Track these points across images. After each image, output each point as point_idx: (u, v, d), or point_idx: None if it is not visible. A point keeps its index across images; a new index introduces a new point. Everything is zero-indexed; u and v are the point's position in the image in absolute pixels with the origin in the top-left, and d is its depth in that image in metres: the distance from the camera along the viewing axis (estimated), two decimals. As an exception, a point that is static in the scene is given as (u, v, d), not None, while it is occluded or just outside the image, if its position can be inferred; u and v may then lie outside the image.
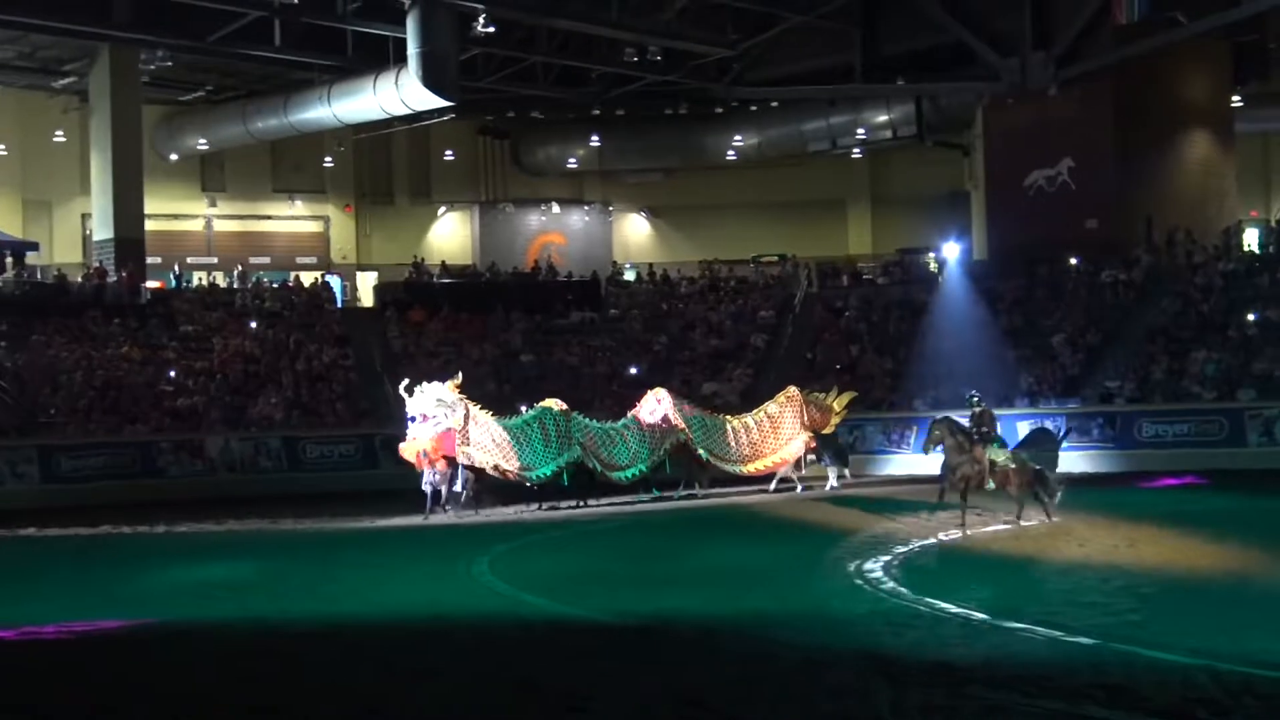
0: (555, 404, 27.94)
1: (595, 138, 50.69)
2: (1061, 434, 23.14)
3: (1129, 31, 38.02)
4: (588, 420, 28.50)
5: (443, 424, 26.41)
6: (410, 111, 39.10)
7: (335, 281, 45.93)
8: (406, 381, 27.48)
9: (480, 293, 43.78)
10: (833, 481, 29.57)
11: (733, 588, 16.79)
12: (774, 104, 47.33)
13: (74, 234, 46.69)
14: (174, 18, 36.71)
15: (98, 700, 11.87)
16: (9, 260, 39.09)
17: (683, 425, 28.74)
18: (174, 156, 47.18)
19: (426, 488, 26.54)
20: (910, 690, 10.94)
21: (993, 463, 21.07)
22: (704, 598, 16.04)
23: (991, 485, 21.28)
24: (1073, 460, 30.21)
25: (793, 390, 30.08)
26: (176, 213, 48.34)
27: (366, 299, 46.35)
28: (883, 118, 46.14)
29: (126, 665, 13.39)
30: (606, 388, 36.95)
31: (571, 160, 52.48)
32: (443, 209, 52.64)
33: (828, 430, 29.90)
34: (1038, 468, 21.30)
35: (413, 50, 35.17)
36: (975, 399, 22.10)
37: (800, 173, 51.50)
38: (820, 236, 50.89)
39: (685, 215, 53.22)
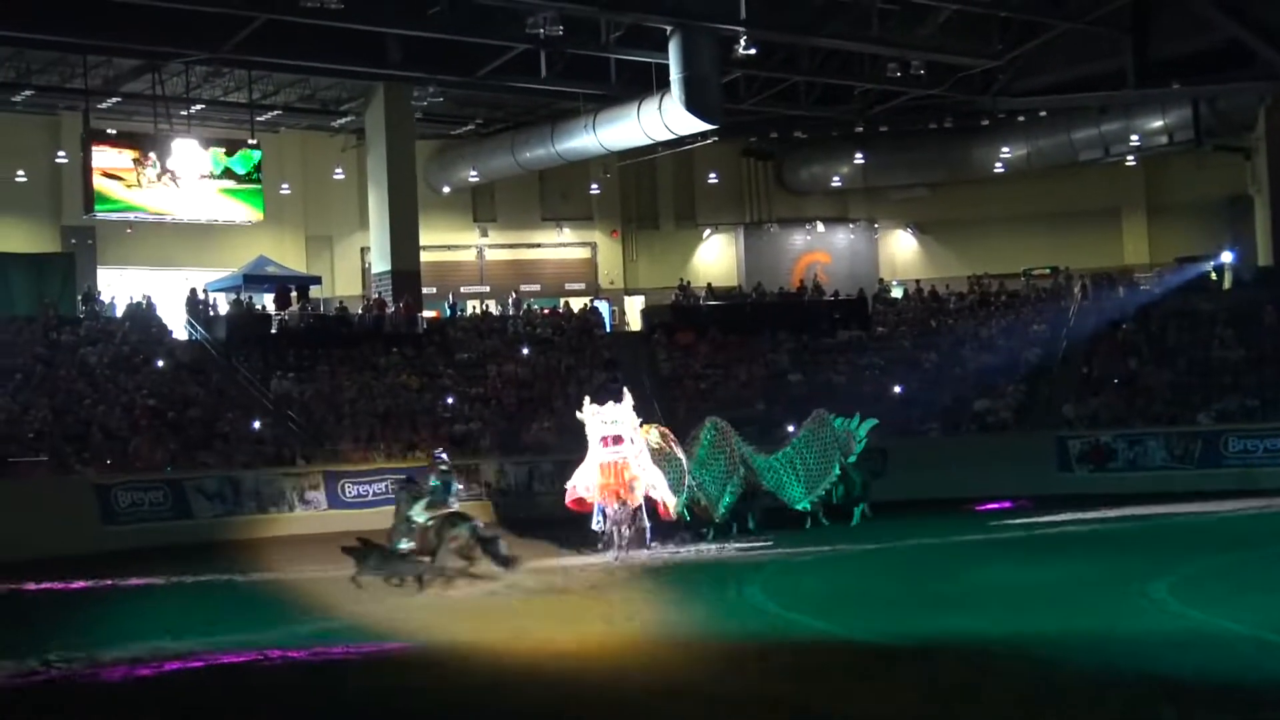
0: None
1: (859, 155, 50.29)
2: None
3: None
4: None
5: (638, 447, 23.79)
6: (674, 136, 39.35)
7: (603, 306, 46.49)
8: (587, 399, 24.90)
9: (746, 314, 43.77)
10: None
11: (1009, 607, 16.42)
12: (1042, 113, 46.26)
13: (354, 267, 48.32)
14: (444, 55, 37.72)
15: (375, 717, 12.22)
16: (294, 295, 40.56)
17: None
18: (446, 189, 48.49)
19: (607, 526, 23.49)
20: (1197, 714, 10.51)
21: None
22: (980, 618, 15.71)
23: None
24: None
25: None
26: (450, 243, 49.64)
27: (634, 323, 46.82)
28: (1158, 123, 44.67)
29: (408, 683, 13.74)
30: (873, 408, 36.54)
31: (835, 178, 52.17)
32: (707, 231, 52.89)
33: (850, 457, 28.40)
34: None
35: (675, 75, 35.41)
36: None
37: (1071, 182, 50.20)
38: (1094, 247, 49.47)
39: (952, 230, 52.39)
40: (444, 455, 24.05)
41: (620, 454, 23.18)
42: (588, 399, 24.79)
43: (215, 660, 15.00)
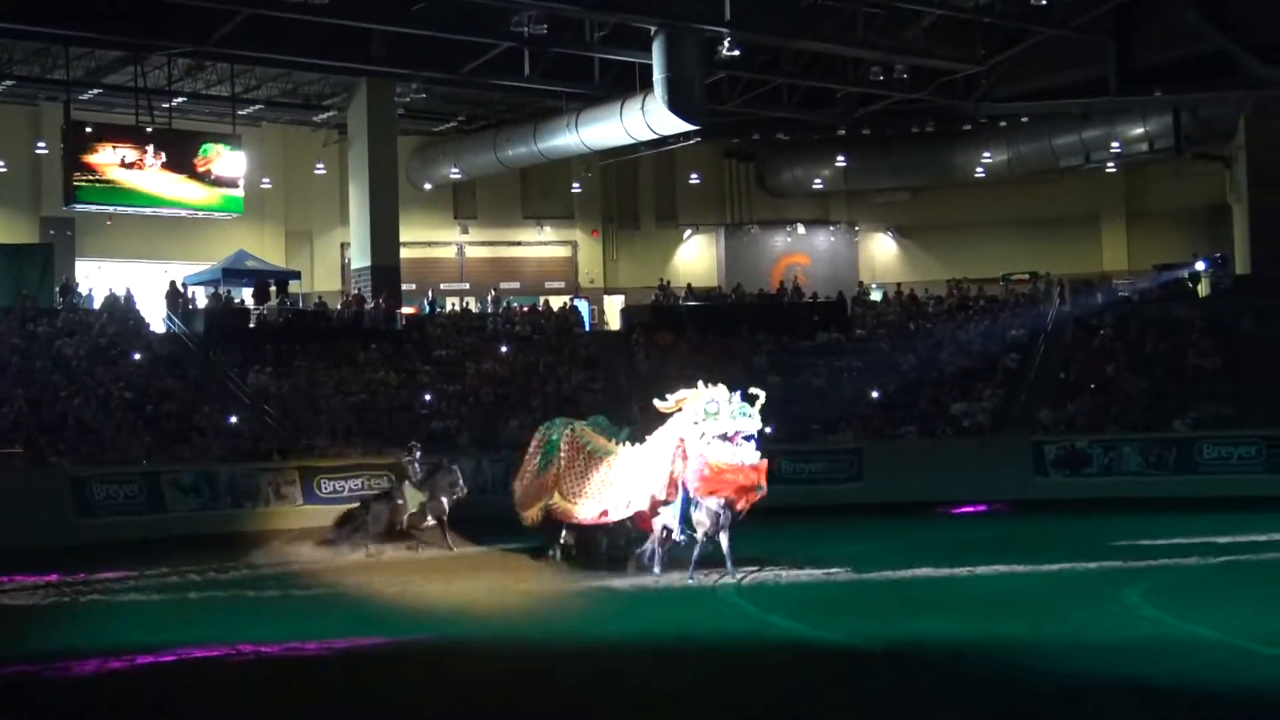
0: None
1: (841, 158, 50.34)
2: None
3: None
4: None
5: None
6: (656, 136, 39.39)
7: (583, 305, 46.49)
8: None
9: (726, 314, 43.78)
10: None
11: (983, 611, 16.46)
12: (1024, 119, 46.36)
13: (333, 263, 48.23)
14: (428, 52, 37.71)
15: (351, 714, 12.20)
16: (273, 289, 40.48)
17: None
18: (428, 185, 48.45)
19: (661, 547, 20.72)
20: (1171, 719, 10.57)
21: None
22: (954, 622, 15.75)
23: None
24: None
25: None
26: (430, 240, 49.57)
27: (614, 322, 46.82)
28: (1138, 130, 44.81)
29: (385, 682, 13.74)
30: (851, 409, 36.60)
31: (817, 181, 52.22)
32: (688, 232, 52.92)
33: None
34: None
35: (659, 75, 35.45)
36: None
37: (1052, 188, 50.36)
38: (1073, 253, 49.59)
39: (932, 234, 52.49)
40: (418, 449, 25.20)
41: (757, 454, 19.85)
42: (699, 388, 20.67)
43: (187, 655, 14.96)
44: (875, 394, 37.29)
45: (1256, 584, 17.44)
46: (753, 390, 20.33)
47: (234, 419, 33.63)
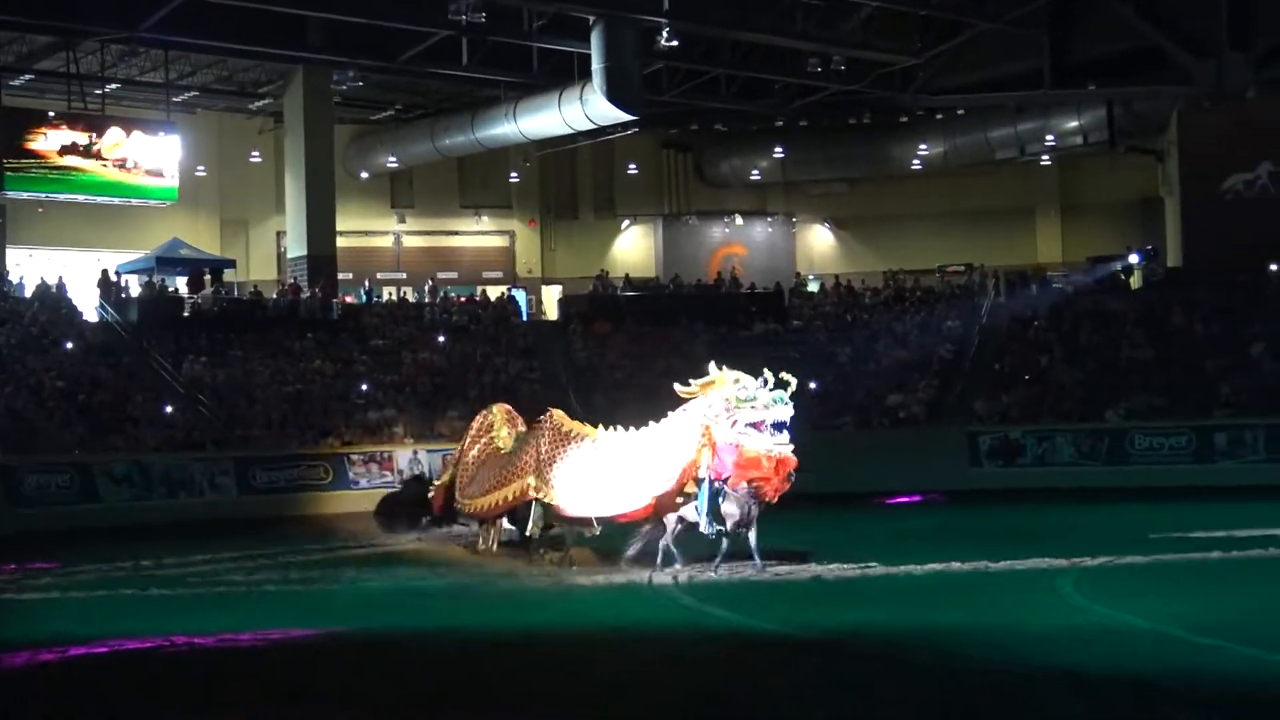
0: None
1: (779, 149, 50.47)
2: None
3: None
4: None
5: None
6: (594, 126, 39.37)
7: (520, 295, 46.41)
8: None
9: (664, 305, 43.84)
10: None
11: (917, 601, 16.58)
12: (960, 112, 46.66)
13: (269, 252, 47.90)
14: (365, 39, 37.49)
15: (287, 703, 12.13)
16: (207, 278, 40.18)
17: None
18: (364, 174, 48.17)
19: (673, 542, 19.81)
20: (1106, 708, 10.66)
21: None
22: (889, 611, 15.85)
23: None
24: (1273, 473, 29.42)
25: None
26: (367, 229, 49.32)
27: (551, 312, 46.77)
28: (1073, 124, 45.20)
29: (319, 672, 13.67)
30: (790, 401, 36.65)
31: (754, 172, 52.36)
32: (626, 222, 52.93)
33: None
34: None
35: (597, 65, 35.42)
36: None
37: (987, 181, 50.72)
38: (1008, 245, 49.98)
39: (869, 225, 52.75)
40: None
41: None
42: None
43: (121, 647, 14.82)
44: (813, 385, 37.41)
45: (1186, 574, 17.63)
46: (783, 375, 19.48)
47: (168, 409, 33.34)
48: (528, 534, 21.36)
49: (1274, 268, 37.66)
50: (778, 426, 18.90)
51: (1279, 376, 33.23)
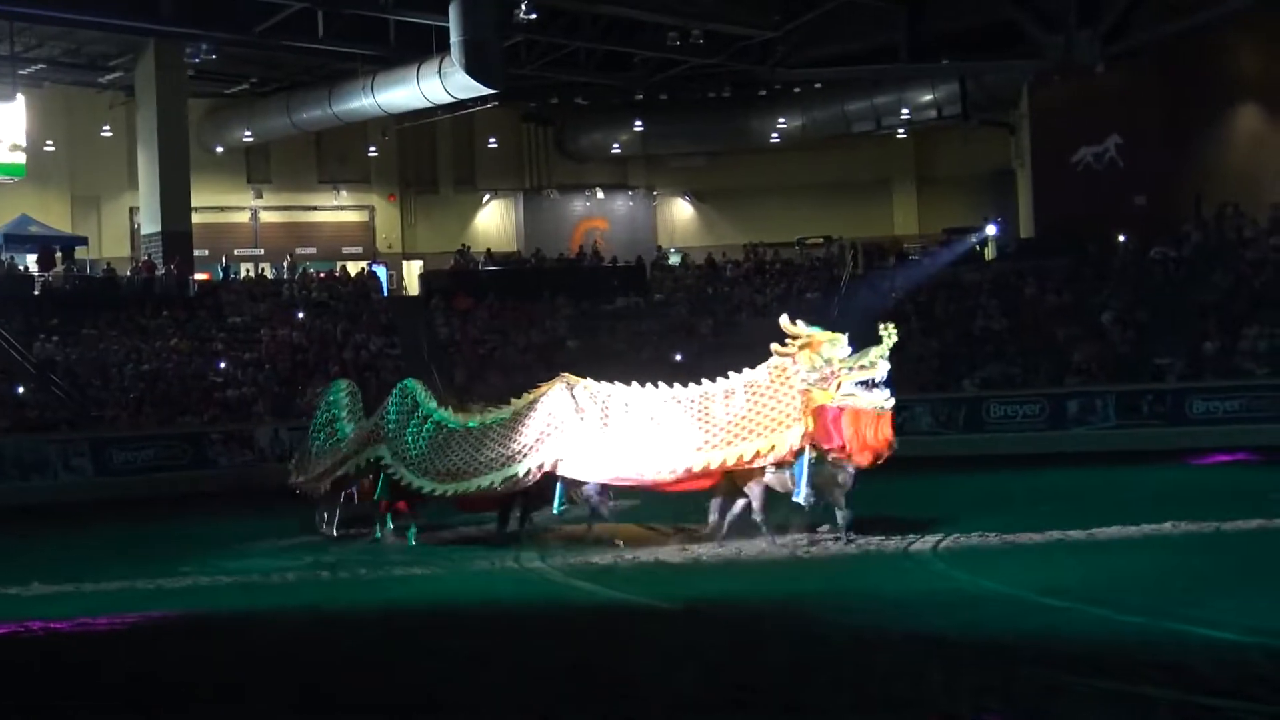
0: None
1: (639, 123, 50.58)
2: None
3: (1177, 6, 37.59)
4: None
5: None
6: (453, 100, 39.12)
7: (381, 271, 46.07)
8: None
9: (526, 279, 43.82)
10: None
11: (777, 571, 16.77)
12: (818, 85, 47.10)
13: (122, 228, 46.98)
14: (218, 11, 36.89)
15: (149, 688, 11.97)
16: (58, 256, 39.37)
17: None
18: (219, 149, 47.41)
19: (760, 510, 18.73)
20: (964, 671, 10.89)
21: None
22: (748, 581, 16.03)
23: None
24: (1123, 438, 30.20)
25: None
26: (223, 205, 48.54)
27: (413, 288, 46.48)
28: (928, 97, 45.89)
29: (177, 654, 13.49)
30: (653, 373, 36.78)
31: (615, 145, 52.42)
32: (487, 196, 52.70)
33: None
34: None
35: (455, 39, 35.17)
36: None
37: (845, 154, 51.30)
38: (865, 217, 50.64)
39: (729, 198, 53.11)
40: None
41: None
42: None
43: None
44: (678, 357, 37.60)
45: (1041, 542, 18.00)
46: (882, 328, 18.65)
47: (20, 390, 32.61)
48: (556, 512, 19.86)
49: (1122, 238, 38.55)
50: (877, 385, 18.30)
51: (1128, 344, 34.07)
